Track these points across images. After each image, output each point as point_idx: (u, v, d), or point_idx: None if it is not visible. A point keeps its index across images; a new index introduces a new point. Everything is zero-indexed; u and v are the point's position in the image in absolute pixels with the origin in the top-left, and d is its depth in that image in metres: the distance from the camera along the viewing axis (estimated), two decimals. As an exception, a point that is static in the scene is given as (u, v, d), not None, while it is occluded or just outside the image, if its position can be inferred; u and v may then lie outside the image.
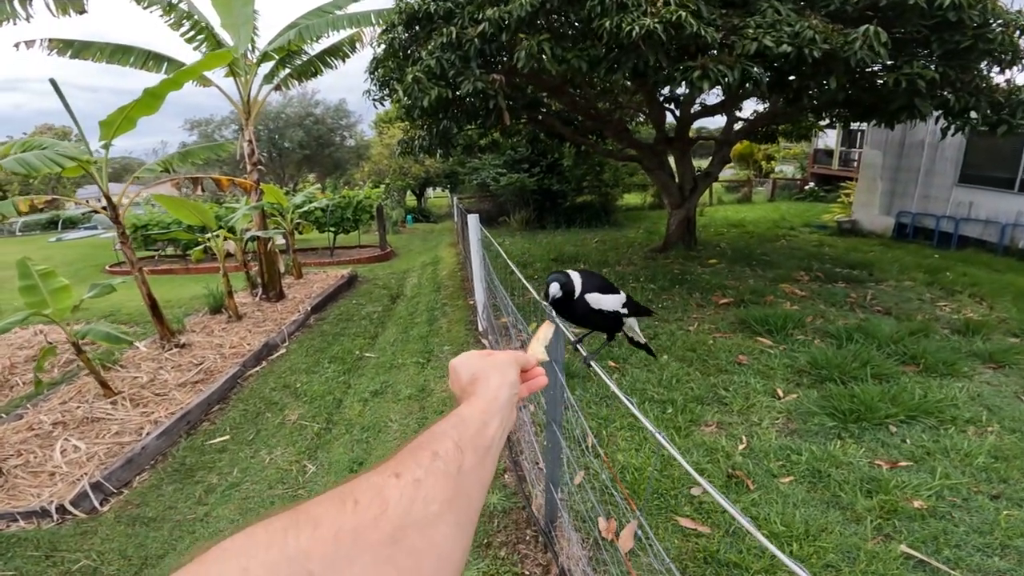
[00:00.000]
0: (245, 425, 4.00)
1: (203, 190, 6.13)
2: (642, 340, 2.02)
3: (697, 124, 12.31)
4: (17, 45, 5.54)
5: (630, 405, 1.35)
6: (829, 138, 18.54)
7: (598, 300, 1.60)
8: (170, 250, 13.13)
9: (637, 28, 4.19)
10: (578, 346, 1.96)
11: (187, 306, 7.29)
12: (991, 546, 2.37)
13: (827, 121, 9.97)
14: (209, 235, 6.33)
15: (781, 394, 3.66)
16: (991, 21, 4.76)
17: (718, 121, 9.24)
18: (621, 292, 1.68)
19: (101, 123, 4.46)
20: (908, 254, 9.02)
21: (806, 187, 19.17)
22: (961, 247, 9.69)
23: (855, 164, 17.43)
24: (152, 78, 6.34)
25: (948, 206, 10.22)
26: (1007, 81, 5.45)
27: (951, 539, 2.41)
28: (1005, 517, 2.52)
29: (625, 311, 1.70)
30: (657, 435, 1.15)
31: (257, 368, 5.04)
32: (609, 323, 1.73)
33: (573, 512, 2.50)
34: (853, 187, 12.94)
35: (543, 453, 2.66)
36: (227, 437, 3.83)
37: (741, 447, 3.05)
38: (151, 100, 4.33)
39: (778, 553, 0.82)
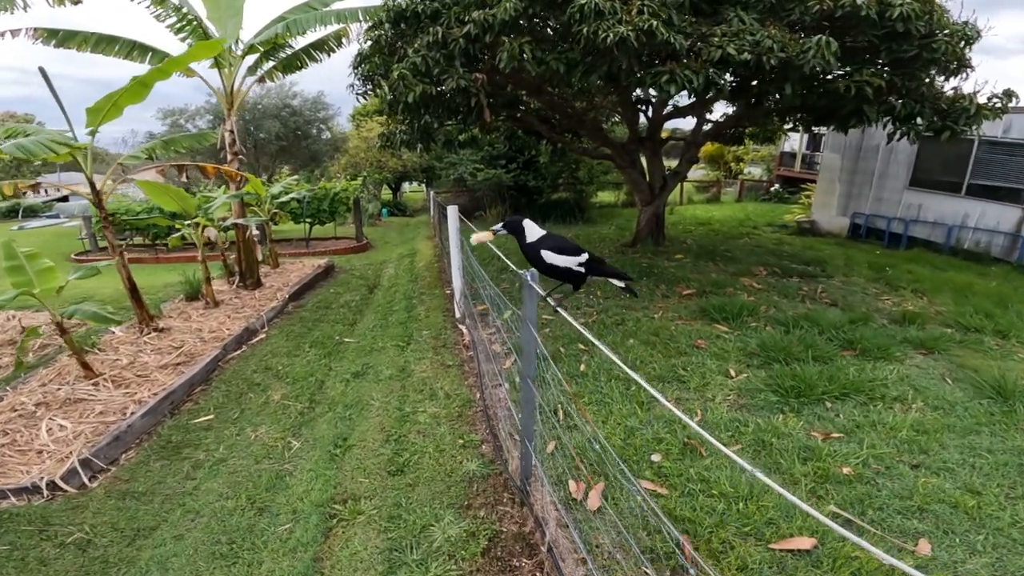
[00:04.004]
0: (229, 405, 4.13)
1: (187, 178, 6.16)
2: (620, 285, 2.43)
3: (672, 125, 12.72)
4: (3, 34, 5.52)
5: (620, 362, 1.62)
6: (795, 141, 19.32)
7: (551, 257, 1.95)
8: (139, 240, 12.91)
9: (612, 35, 4.47)
10: (548, 299, 2.25)
11: (161, 293, 7.28)
12: (910, 509, 2.67)
13: (790, 125, 10.51)
14: (188, 222, 6.36)
15: (733, 374, 4.01)
16: (937, 32, 5.14)
17: (692, 122, 9.64)
18: (583, 254, 1.99)
19: (88, 110, 4.52)
20: (860, 253, 9.61)
21: (772, 188, 19.94)
22: (909, 247, 10.35)
23: (817, 167, 18.24)
24: (136, 68, 6.41)
25: (899, 208, 10.90)
26: (954, 89, 5.88)
27: (875, 502, 2.72)
28: (923, 484, 2.83)
29: (582, 269, 2.00)
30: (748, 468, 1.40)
31: (238, 352, 5.15)
32: (567, 277, 2.09)
33: (547, 476, 2.75)
34: (814, 189, 13.60)
35: (517, 406, 2.90)
36: (211, 416, 3.96)
37: (696, 420, 3.37)
38: (139, 88, 4.43)
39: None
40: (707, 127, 9.47)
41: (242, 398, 4.23)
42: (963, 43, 5.43)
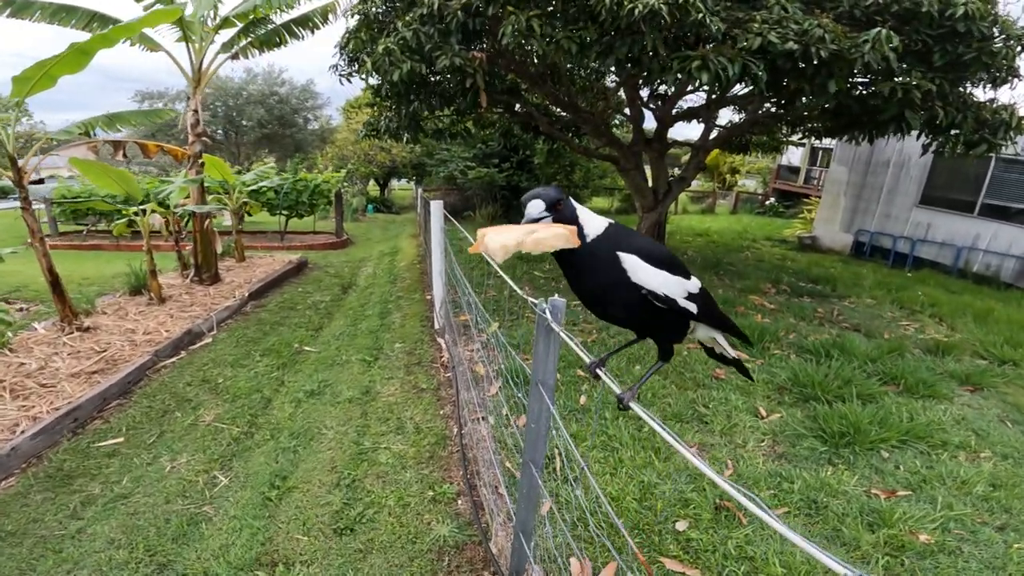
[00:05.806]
0: (147, 425, 3.36)
1: (125, 155, 5.34)
2: (731, 354, 1.34)
3: (671, 134, 12.16)
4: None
5: (749, 503, 0.91)
6: (794, 155, 18.96)
7: (642, 272, 0.93)
8: (102, 225, 11.98)
9: (640, 7, 3.82)
10: (599, 370, 1.15)
11: (106, 285, 6.46)
12: (1007, 586, 2.12)
13: (799, 135, 9.98)
14: (136, 207, 5.56)
15: (764, 413, 3.34)
16: (995, 35, 4.63)
17: (686, 134, 9.12)
18: (693, 277, 1.09)
19: (15, 79, 3.90)
20: (867, 272, 9.09)
21: (767, 202, 19.53)
22: (916, 268, 9.86)
23: (815, 182, 17.87)
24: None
25: (907, 226, 10.41)
26: (991, 100, 5.37)
27: (964, 580, 2.12)
28: (1016, 551, 2.30)
29: (692, 308, 1.09)
30: None
31: (174, 359, 4.36)
32: (662, 320, 1.01)
33: (539, 549, 2.06)
34: (816, 203, 13.13)
35: (502, 448, 2.21)
36: (121, 439, 3.19)
37: (728, 473, 2.69)
38: (77, 56, 3.80)
39: None
40: (714, 133, 8.89)
41: (165, 417, 3.45)
42: (1019, 48, 4.90)
